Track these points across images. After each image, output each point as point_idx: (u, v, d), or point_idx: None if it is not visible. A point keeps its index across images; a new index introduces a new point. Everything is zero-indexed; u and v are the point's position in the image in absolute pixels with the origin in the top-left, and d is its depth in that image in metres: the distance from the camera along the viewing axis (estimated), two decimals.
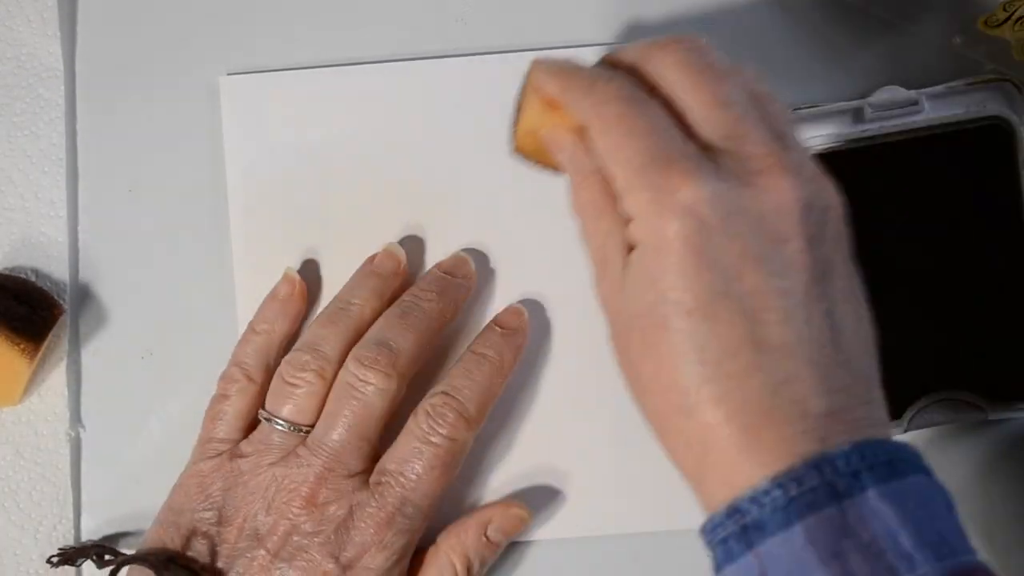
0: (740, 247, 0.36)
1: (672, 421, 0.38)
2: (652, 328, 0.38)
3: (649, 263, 0.37)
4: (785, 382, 0.36)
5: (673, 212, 0.37)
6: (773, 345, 0.36)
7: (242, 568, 0.45)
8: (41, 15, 0.51)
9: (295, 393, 0.46)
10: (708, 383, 0.36)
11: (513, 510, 0.48)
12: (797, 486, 0.35)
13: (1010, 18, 0.49)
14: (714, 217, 0.36)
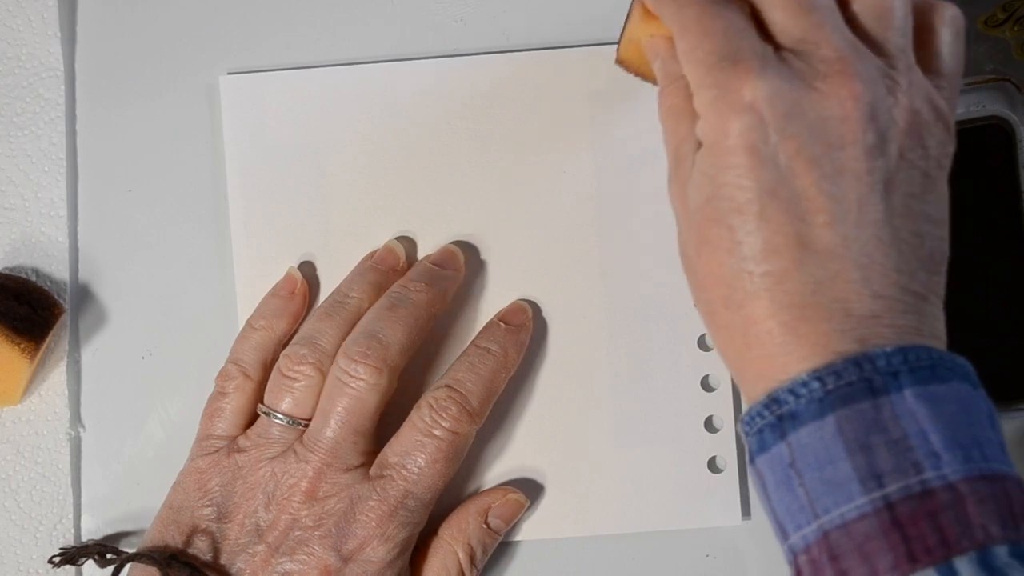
0: (796, 147, 0.37)
1: (719, 314, 0.39)
2: (707, 222, 0.39)
3: (710, 159, 0.39)
4: (828, 281, 0.37)
5: (733, 109, 0.38)
6: (819, 245, 0.37)
7: (243, 563, 0.45)
8: (41, 15, 0.51)
9: (293, 387, 0.47)
10: (752, 277, 0.38)
11: (511, 495, 0.49)
12: (835, 379, 0.36)
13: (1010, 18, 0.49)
14: (773, 116, 0.37)
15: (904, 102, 0.38)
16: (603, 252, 0.50)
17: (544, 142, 0.50)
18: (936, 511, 0.34)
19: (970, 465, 0.35)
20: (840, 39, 0.38)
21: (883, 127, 0.38)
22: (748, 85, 0.37)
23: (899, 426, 0.35)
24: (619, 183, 0.50)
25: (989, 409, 0.37)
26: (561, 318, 0.50)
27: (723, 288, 0.39)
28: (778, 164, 0.37)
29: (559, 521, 0.50)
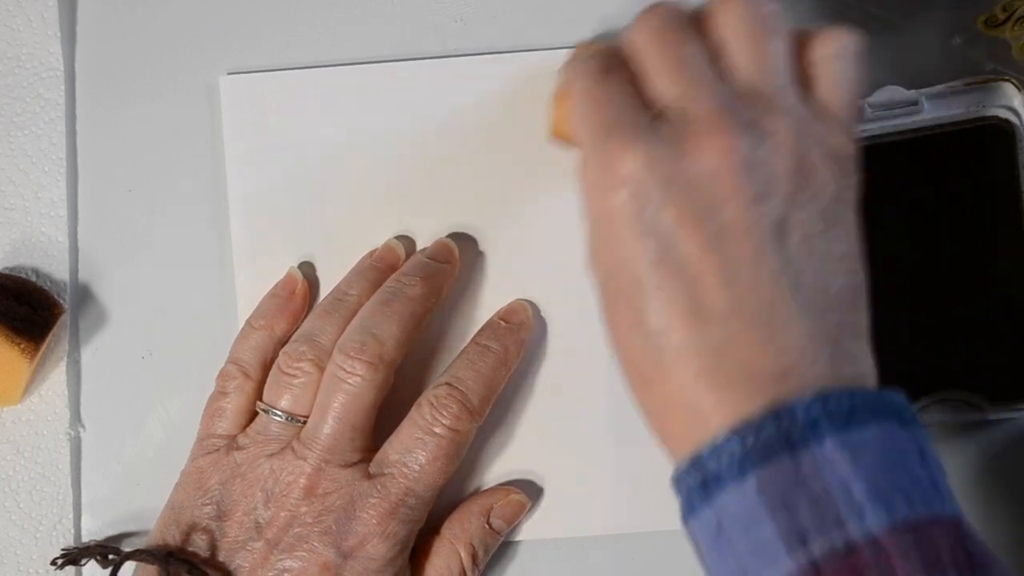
0: (676, 212, 0.37)
1: (637, 388, 0.39)
2: (607, 299, 0.39)
3: (599, 234, 0.39)
4: (728, 345, 0.36)
5: (611, 184, 0.37)
6: (713, 309, 0.36)
7: (243, 560, 0.45)
8: (41, 15, 0.51)
9: (292, 384, 0.47)
10: (657, 351, 0.37)
11: (513, 496, 0.49)
12: (754, 436, 0.35)
13: (1010, 18, 0.49)
14: (649, 185, 0.37)
15: (785, 146, 0.37)
16: None
17: (544, 142, 0.50)
18: (861, 568, 0.33)
19: (893, 515, 0.34)
20: (710, 94, 0.38)
21: (763, 176, 0.37)
22: (623, 157, 0.37)
23: (820, 479, 0.34)
24: None
25: (919, 445, 0.35)
26: (561, 318, 0.50)
27: (634, 367, 0.39)
28: (662, 232, 0.37)
29: (559, 521, 0.50)
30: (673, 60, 0.39)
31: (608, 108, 0.38)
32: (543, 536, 0.50)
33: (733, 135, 0.37)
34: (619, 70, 0.40)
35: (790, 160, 0.37)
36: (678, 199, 0.37)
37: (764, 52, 0.39)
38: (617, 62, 0.40)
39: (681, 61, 0.38)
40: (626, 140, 0.37)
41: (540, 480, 0.50)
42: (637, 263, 0.37)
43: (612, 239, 0.38)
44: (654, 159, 0.37)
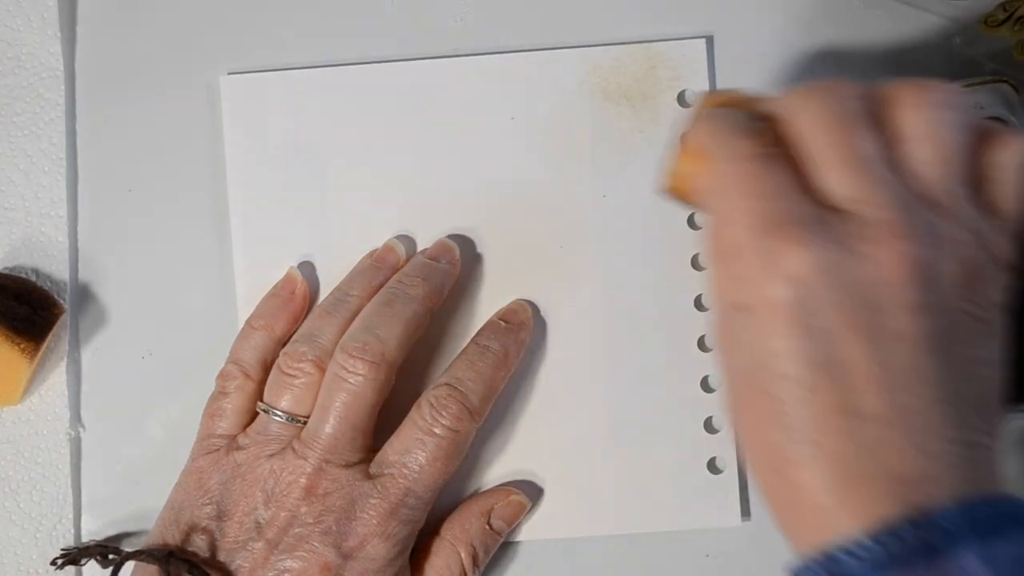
0: (842, 317, 0.36)
1: (763, 476, 0.38)
2: (749, 390, 0.38)
3: (754, 327, 0.37)
4: (877, 448, 0.35)
5: (777, 279, 0.36)
6: (868, 414, 0.35)
7: (243, 560, 0.45)
8: (41, 15, 0.51)
9: (293, 384, 0.47)
10: (796, 447, 0.36)
11: (513, 497, 0.49)
12: (895, 541, 0.34)
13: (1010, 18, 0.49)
14: (818, 286, 0.36)
15: (955, 252, 0.36)
16: (603, 252, 0.50)
17: (544, 142, 0.50)
18: None
19: None
20: (889, 196, 0.36)
21: (932, 284, 0.36)
22: (791, 254, 0.36)
23: None
24: (619, 182, 0.50)
25: None
26: (560, 318, 0.50)
27: (766, 454, 0.37)
28: (824, 335, 0.36)
29: (559, 521, 0.50)
30: (850, 157, 0.37)
31: (769, 199, 0.37)
32: (543, 536, 0.50)
33: (911, 242, 0.36)
34: (779, 153, 0.38)
35: (959, 268, 0.36)
36: (848, 304, 0.36)
37: (946, 155, 0.37)
38: (774, 141, 0.38)
39: (859, 159, 0.37)
40: (793, 237, 0.36)
41: (540, 481, 0.50)
42: (791, 361, 0.36)
43: (766, 330, 0.37)
44: (827, 260, 0.36)
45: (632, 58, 0.50)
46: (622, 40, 0.51)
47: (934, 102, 0.37)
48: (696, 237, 0.50)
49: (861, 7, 0.51)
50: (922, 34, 0.51)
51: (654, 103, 0.50)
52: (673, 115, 0.50)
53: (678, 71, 0.50)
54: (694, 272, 0.50)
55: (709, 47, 0.51)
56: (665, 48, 0.50)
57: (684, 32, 0.51)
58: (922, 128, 0.37)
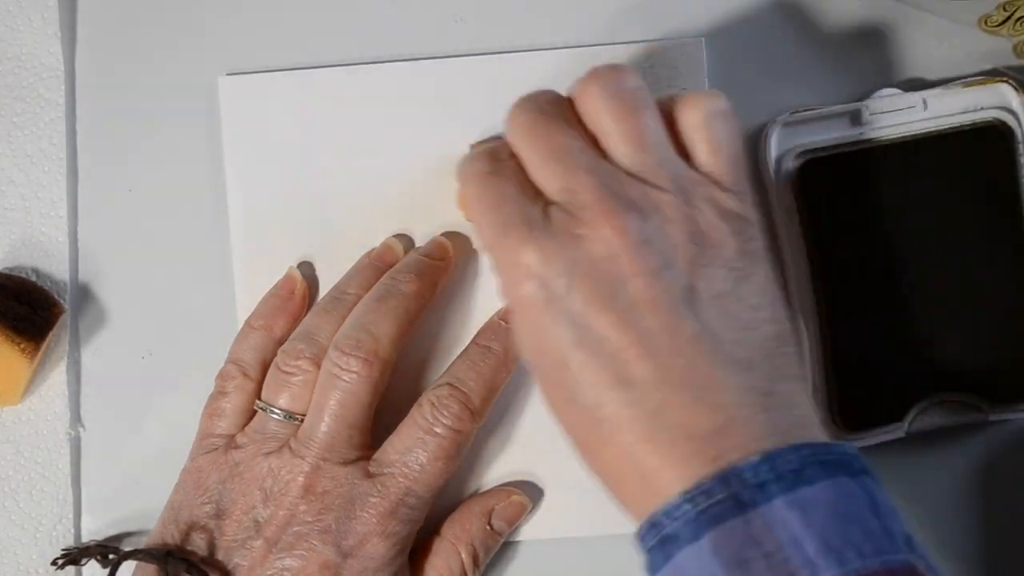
0: (582, 297, 0.38)
1: (584, 457, 0.40)
2: (539, 376, 0.40)
3: (518, 321, 0.40)
4: (660, 411, 0.37)
5: (516, 278, 0.39)
6: (639, 380, 0.37)
7: (241, 559, 0.45)
8: (41, 15, 0.51)
9: (291, 382, 0.47)
10: (595, 424, 0.38)
11: (514, 497, 0.49)
12: (705, 499, 0.36)
13: (1010, 18, 0.49)
14: (551, 275, 0.38)
15: (676, 216, 0.39)
16: None
17: None
18: None
19: (846, 568, 0.34)
20: (594, 178, 0.39)
21: (659, 248, 0.38)
22: (521, 253, 0.39)
23: (772, 537, 0.35)
24: None
25: (871, 495, 0.36)
26: None
27: (578, 435, 0.40)
28: (574, 317, 0.38)
29: (559, 521, 0.50)
30: (547, 152, 0.40)
31: (499, 208, 0.40)
32: (543, 536, 0.50)
33: (620, 216, 0.38)
34: (505, 167, 0.41)
35: (682, 228, 0.39)
36: (582, 284, 0.38)
37: (635, 129, 0.40)
38: (503, 158, 0.41)
39: (555, 152, 0.40)
40: (521, 236, 0.39)
41: (540, 481, 0.50)
42: (558, 346, 0.38)
43: (530, 327, 0.39)
44: (550, 250, 0.38)
45: (630, 57, 0.50)
46: (621, 40, 0.51)
47: (610, 87, 0.40)
48: None
49: (860, 7, 0.51)
50: (922, 34, 0.51)
51: None
52: None
53: (676, 70, 0.50)
54: None
55: (707, 47, 0.51)
56: (663, 47, 0.50)
57: (682, 32, 0.51)
58: (606, 110, 0.40)
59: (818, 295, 0.49)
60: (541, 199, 0.40)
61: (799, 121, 0.49)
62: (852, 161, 0.48)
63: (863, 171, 0.49)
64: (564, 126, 0.40)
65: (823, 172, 0.48)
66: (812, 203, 0.49)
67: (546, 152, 0.40)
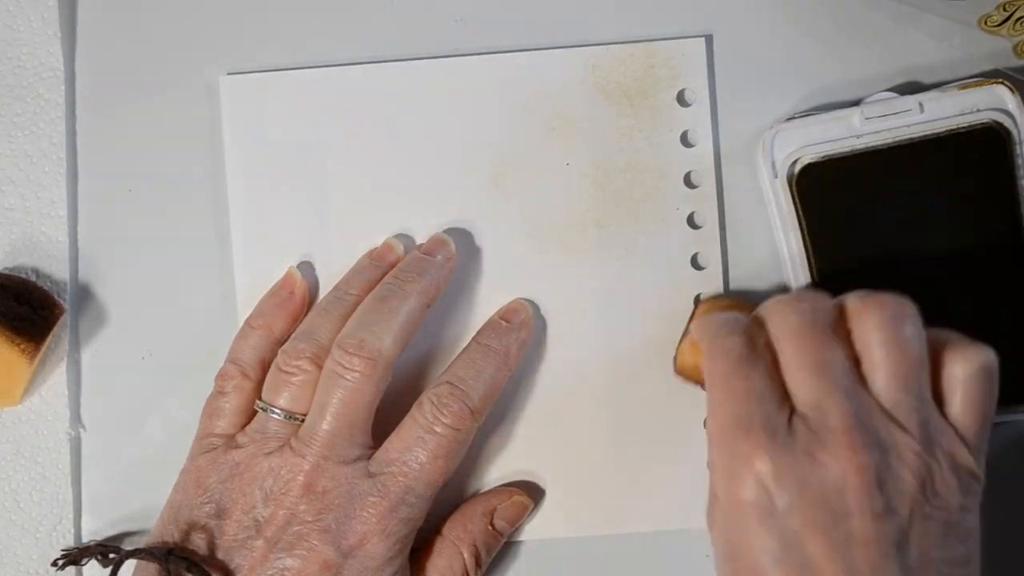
0: (802, 519, 0.39)
1: None
2: (732, 565, 0.41)
3: (725, 517, 0.41)
4: None
5: (742, 479, 0.40)
6: None
7: (242, 559, 0.45)
8: (41, 15, 0.51)
9: (291, 382, 0.47)
10: None
11: (516, 497, 0.49)
12: None
13: (1009, 18, 0.49)
14: (779, 489, 0.39)
15: (915, 464, 0.40)
16: (602, 251, 0.50)
17: (545, 142, 0.51)
18: None
19: None
20: (849, 406, 0.40)
21: (891, 491, 0.39)
22: (755, 458, 0.40)
23: None
24: (617, 182, 0.50)
25: None
26: (560, 317, 0.50)
27: None
28: (787, 533, 0.39)
29: (559, 521, 0.50)
30: (815, 364, 0.40)
31: (745, 402, 0.40)
32: (544, 536, 0.50)
33: (864, 452, 0.39)
34: (762, 359, 0.41)
35: (916, 478, 0.40)
36: (806, 507, 0.39)
37: (904, 371, 0.41)
38: (757, 343, 0.42)
39: (823, 367, 0.40)
40: (759, 443, 0.40)
41: (541, 480, 0.50)
42: (761, 554, 0.39)
43: (739, 526, 0.40)
44: (784, 466, 0.39)
45: (632, 57, 0.50)
46: (622, 39, 0.51)
47: (892, 318, 0.41)
48: (696, 236, 0.50)
49: (860, 7, 0.51)
50: (921, 34, 0.51)
51: (653, 102, 0.50)
52: (672, 114, 0.50)
53: (677, 70, 0.50)
54: (694, 271, 0.50)
55: (708, 46, 0.51)
56: (665, 47, 0.50)
57: (683, 31, 0.51)
58: (880, 341, 0.41)
59: None
60: (788, 406, 0.41)
61: (799, 124, 0.49)
62: (851, 164, 0.48)
63: (862, 174, 0.49)
64: (834, 343, 0.41)
65: (822, 175, 0.48)
66: (811, 205, 0.49)
67: (813, 362, 0.41)
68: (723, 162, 0.51)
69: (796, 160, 0.49)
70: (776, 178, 0.49)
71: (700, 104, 0.50)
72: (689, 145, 0.50)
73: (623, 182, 0.50)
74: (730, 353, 0.42)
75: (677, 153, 0.50)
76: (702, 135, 0.50)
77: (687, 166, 0.50)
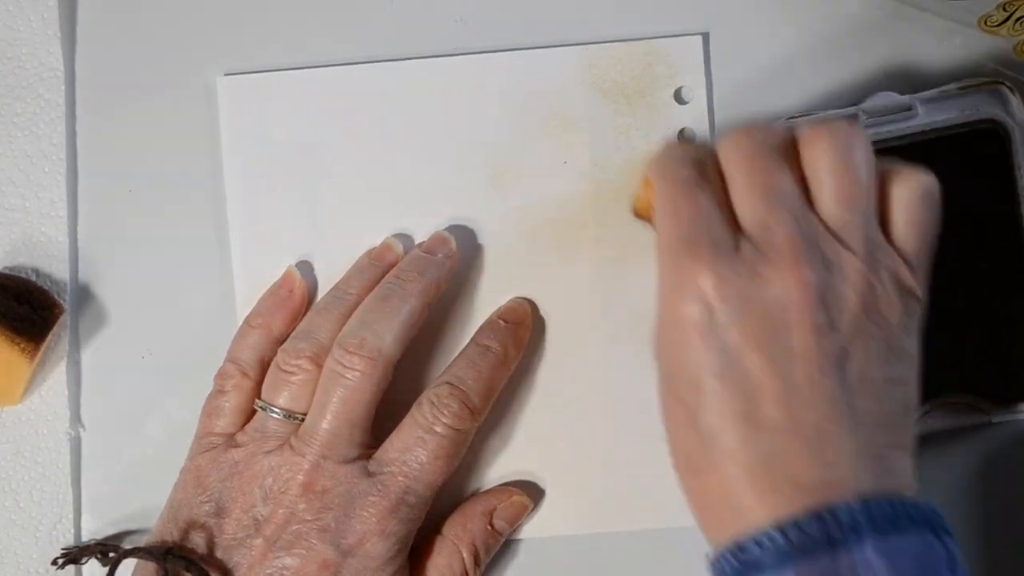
0: (744, 333, 0.38)
1: (681, 475, 0.41)
2: (667, 395, 0.41)
3: (667, 334, 0.40)
4: (777, 456, 0.38)
5: (685, 296, 0.39)
6: (767, 423, 0.38)
7: (241, 557, 0.45)
8: (41, 15, 0.52)
9: (291, 381, 0.47)
10: (706, 451, 0.39)
11: (515, 497, 0.49)
12: (797, 532, 0.36)
13: (1009, 18, 0.49)
14: (721, 304, 0.39)
15: (857, 281, 0.39)
16: (600, 249, 0.50)
17: (543, 141, 0.51)
18: None
19: None
20: (794, 225, 0.39)
21: (833, 308, 0.39)
22: (700, 275, 0.39)
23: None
24: (617, 181, 0.50)
25: (949, 556, 0.37)
26: (559, 316, 0.50)
27: (684, 456, 0.40)
28: (727, 348, 0.38)
29: (559, 519, 0.50)
30: (761, 187, 0.40)
31: (692, 223, 0.40)
32: (543, 535, 0.50)
33: (807, 268, 0.39)
34: (707, 182, 0.41)
35: (859, 296, 0.39)
36: (747, 321, 0.38)
37: (850, 190, 0.40)
38: (707, 171, 0.41)
39: (769, 189, 0.40)
40: (704, 258, 0.39)
41: (540, 479, 0.50)
42: (700, 369, 0.39)
43: (680, 343, 0.40)
44: (729, 280, 0.39)
45: (629, 55, 0.50)
46: (619, 38, 0.51)
47: (841, 142, 0.41)
48: None
49: (860, 6, 0.51)
50: (921, 34, 0.51)
51: (651, 100, 0.50)
52: (670, 112, 0.50)
53: (675, 68, 0.50)
54: None
55: (705, 44, 0.51)
56: (662, 45, 0.50)
57: (681, 29, 0.51)
58: (828, 164, 0.40)
59: None
60: (735, 227, 0.40)
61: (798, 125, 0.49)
62: None
63: None
64: (783, 166, 0.41)
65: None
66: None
67: (758, 186, 0.40)
68: None
69: None
70: None
71: (697, 101, 0.50)
72: None
73: (621, 180, 0.50)
74: (679, 178, 0.41)
75: None
76: (699, 133, 0.50)
77: None
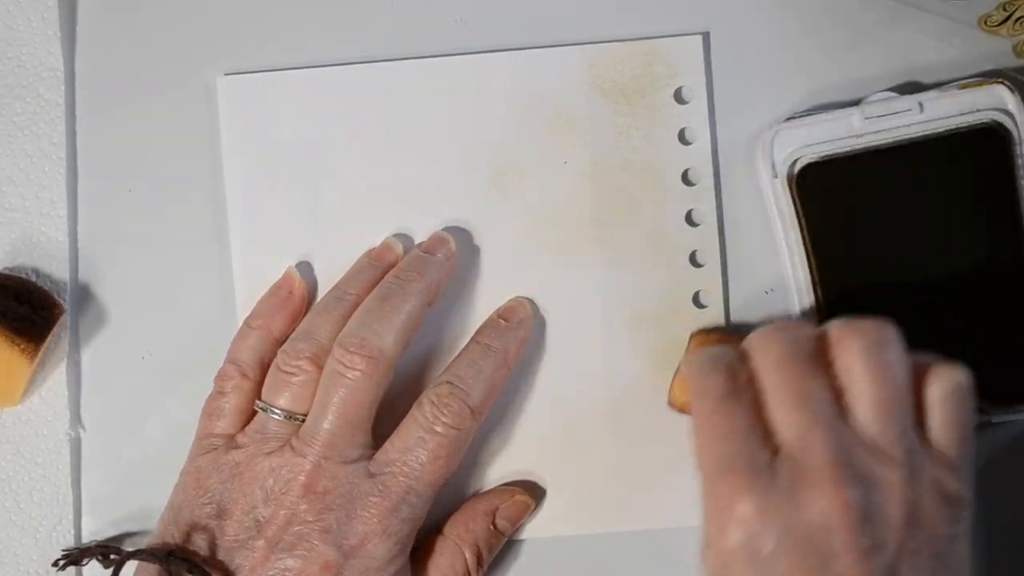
0: (790, 562, 0.38)
1: None
2: None
3: (715, 559, 0.40)
4: None
5: (728, 521, 0.39)
6: None
7: (243, 559, 0.45)
8: (41, 15, 0.51)
9: (291, 382, 0.47)
10: None
11: (518, 497, 0.49)
12: None
13: (1009, 18, 0.49)
14: (764, 531, 0.39)
15: (900, 496, 0.39)
16: (601, 249, 0.50)
17: (543, 141, 0.51)
18: None
19: None
20: (832, 440, 0.39)
21: (877, 527, 0.39)
22: (738, 500, 0.39)
23: None
24: (616, 180, 0.50)
25: None
26: (559, 315, 0.50)
27: None
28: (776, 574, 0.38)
29: (560, 520, 0.50)
30: (795, 395, 0.40)
31: (727, 440, 0.40)
32: (544, 534, 0.50)
33: (848, 489, 0.39)
34: (743, 395, 0.41)
35: (903, 509, 0.39)
36: (792, 550, 0.38)
37: (888, 400, 0.40)
38: (739, 377, 0.41)
39: (804, 398, 0.40)
40: (741, 484, 0.39)
41: (541, 479, 0.50)
42: None
43: (726, 568, 0.39)
44: (768, 507, 0.39)
45: (629, 55, 0.50)
46: (619, 37, 0.51)
47: (874, 344, 0.41)
48: (694, 233, 0.50)
49: (860, 6, 0.51)
50: (921, 34, 0.51)
51: (651, 100, 0.50)
52: (670, 112, 0.50)
53: (675, 68, 0.50)
54: (693, 269, 0.50)
55: (706, 44, 0.51)
56: (662, 45, 0.50)
57: (681, 29, 0.51)
58: (863, 371, 0.40)
59: (818, 297, 0.49)
60: (771, 442, 0.40)
61: (798, 124, 0.49)
62: (850, 164, 0.48)
63: (862, 174, 0.49)
64: (816, 372, 0.41)
65: (822, 175, 0.48)
66: (811, 206, 0.49)
67: (792, 397, 0.40)
68: (721, 160, 0.51)
69: (796, 160, 0.49)
70: (776, 178, 0.49)
71: (698, 101, 0.50)
72: (687, 143, 0.50)
73: (621, 180, 0.50)
74: (713, 391, 0.41)
75: (675, 150, 0.50)
76: (700, 132, 0.50)
77: (685, 163, 0.50)
